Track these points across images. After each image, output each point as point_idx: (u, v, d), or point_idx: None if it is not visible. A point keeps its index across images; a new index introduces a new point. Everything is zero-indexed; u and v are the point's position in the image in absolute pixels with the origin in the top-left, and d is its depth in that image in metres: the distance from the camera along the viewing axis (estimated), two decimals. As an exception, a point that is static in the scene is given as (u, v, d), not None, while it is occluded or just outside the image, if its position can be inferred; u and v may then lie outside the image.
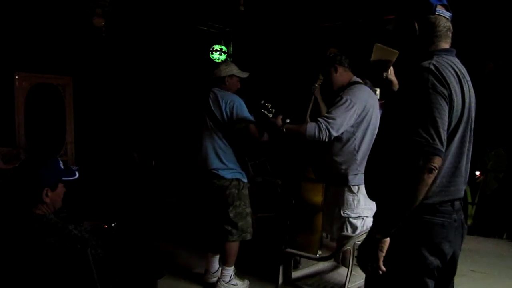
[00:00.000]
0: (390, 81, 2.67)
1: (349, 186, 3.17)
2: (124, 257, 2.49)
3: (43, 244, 2.04)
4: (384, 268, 1.75)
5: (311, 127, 3.05)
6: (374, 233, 1.76)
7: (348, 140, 3.18)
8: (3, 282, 2.03)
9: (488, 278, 4.22)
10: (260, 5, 5.83)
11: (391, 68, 2.67)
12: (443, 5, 1.85)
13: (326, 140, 3.07)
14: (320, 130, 3.03)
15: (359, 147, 3.17)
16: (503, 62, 5.61)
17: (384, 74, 2.67)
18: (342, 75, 3.33)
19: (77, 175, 2.30)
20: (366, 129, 3.17)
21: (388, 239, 1.74)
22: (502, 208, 5.51)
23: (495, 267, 4.48)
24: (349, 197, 3.18)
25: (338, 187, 3.26)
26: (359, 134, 3.17)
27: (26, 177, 2.16)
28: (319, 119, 3.08)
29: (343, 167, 3.19)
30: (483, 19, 5.18)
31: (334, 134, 3.06)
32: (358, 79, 3.36)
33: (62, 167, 2.27)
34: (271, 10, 6.13)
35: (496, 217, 5.50)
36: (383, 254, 1.74)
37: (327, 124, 3.03)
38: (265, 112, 3.35)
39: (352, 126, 3.14)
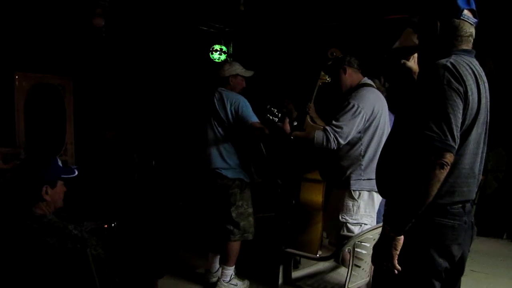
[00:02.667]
0: (409, 69, 2.60)
1: (350, 191, 3.14)
2: (124, 257, 2.49)
3: (43, 244, 2.04)
4: (399, 267, 1.75)
5: (319, 136, 3.04)
6: (388, 231, 1.75)
7: (355, 144, 3.15)
8: (3, 282, 2.03)
9: (489, 278, 4.22)
10: (260, 5, 5.83)
11: (415, 55, 2.61)
12: (470, 10, 1.83)
13: (335, 148, 3.05)
14: (328, 139, 3.02)
15: (365, 152, 3.14)
16: (503, 61, 5.62)
17: (402, 61, 2.63)
18: (351, 76, 3.29)
19: (76, 173, 2.30)
20: (374, 134, 3.14)
21: (402, 238, 1.73)
22: (502, 208, 5.52)
23: (496, 267, 4.49)
24: (349, 202, 3.16)
25: (340, 190, 3.24)
26: (365, 139, 3.14)
27: (25, 175, 2.17)
28: (327, 127, 3.06)
29: (348, 171, 3.17)
30: (483, 18, 5.18)
31: (343, 142, 3.04)
32: (369, 81, 3.32)
33: (60, 165, 2.27)
34: (271, 10, 6.12)
35: (496, 217, 5.50)
36: (397, 253, 1.74)
37: (335, 134, 3.01)
38: (271, 117, 3.32)
39: (359, 131, 3.12)
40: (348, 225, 3.14)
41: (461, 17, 1.81)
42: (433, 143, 1.63)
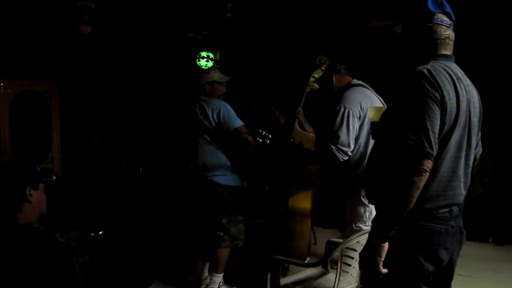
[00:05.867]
0: None
1: (360, 197, 3.10)
2: (112, 265, 2.47)
3: (28, 253, 2.02)
4: (384, 270, 1.76)
5: (323, 154, 3.09)
6: (372, 239, 1.77)
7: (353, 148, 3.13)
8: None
9: (475, 282, 4.25)
10: (247, 12, 5.85)
11: None
12: (444, 13, 1.86)
13: (345, 158, 3.04)
14: (333, 155, 3.02)
15: (365, 153, 3.10)
16: (488, 68, 5.68)
17: None
18: (339, 82, 3.34)
19: (54, 177, 2.32)
20: (368, 132, 3.08)
21: (386, 244, 1.74)
22: (488, 212, 5.57)
23: (482, 271, 4.51)
24: (361, 209, 3.12)
25: (351, 199, 3.20)
26: (362, 140, 3.11)
27: (8, 179, 2.16)
28: (328, 143, 3.05)
29: (353, 176, 3.15)
30: (468, 24, 5.24)
31: (348, 149, 3.03)
32: (357, 81, 3.35)
33: (38, 169, 2.29)
34: (258, 17, 6.15)
35: (482, 221, 5.55)
36: (382, 259, 1.75)
37: (336, 145, 3.02)
38: (260, 140, 3.37)
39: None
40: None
41: (434, 21, 1.83)
42: (411, 151, 1.65)
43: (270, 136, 3.37)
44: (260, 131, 3.38)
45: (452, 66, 1.84)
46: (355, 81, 3.36)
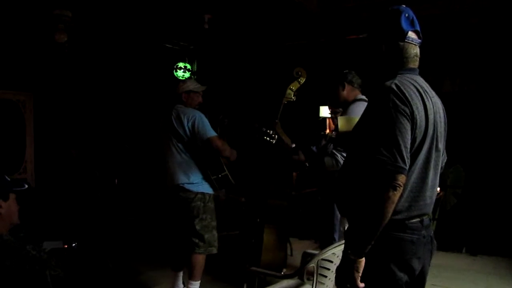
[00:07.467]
0: None
1: None
2: (85, 278, 2.44)
3: (-1, 267, 1.98)
4: (361, 285, 1.76)
5: (328, 160, 3.26)
6: (349, 254, 1.76)
7: None
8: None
9: (449, 292, 4.31)
10: (224, 23, 5.87)
11: None
12: (415, 31, 1.87)
13: None
14: (337, 161, 3.21)
15: None
16: (459, 81, 5.81)
17: None
18: (348, 93, 3.53)
19: (26, 186, 2.28)
20: None
21: (363, 259, 1.74)
22: (461, 223, 5.66)
23: (456, 281, 4.58)
24: None
25: None
26: None
27: None
28: (333, 151, 3.27)
29: None
30: (440, 39, 5.35)
31: None
32: (362, 96, 3.52)
33: (8, 179, 2.25)
34: (236, 29, 6.18)
35: (455, 231, 5.63)
36: (359, 275, 1.75)
37: (341, 153, 3.21)
38: (268, 138, 3.49)
39: None
40: None
41: (406, 40, 1.85)
42: (385, 166, 1.66)
43: (276, 136, 3.50)
44: (268, 130, 3.50)
45: (418, 79, 1.87)
46: (360, 95, 3.54)
